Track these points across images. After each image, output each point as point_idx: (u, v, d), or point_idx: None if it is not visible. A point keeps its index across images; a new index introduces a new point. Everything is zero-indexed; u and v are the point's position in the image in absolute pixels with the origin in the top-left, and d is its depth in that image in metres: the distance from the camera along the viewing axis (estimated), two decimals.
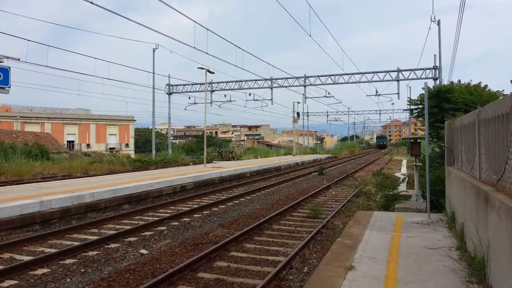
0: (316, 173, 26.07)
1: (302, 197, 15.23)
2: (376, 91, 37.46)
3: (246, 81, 36.32)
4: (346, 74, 33.02)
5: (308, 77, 34.52)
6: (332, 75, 33.48)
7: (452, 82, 14.67)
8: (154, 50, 35.96)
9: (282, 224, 10.89)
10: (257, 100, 39.70)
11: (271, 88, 36.04)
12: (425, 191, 10.15)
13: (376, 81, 32.55)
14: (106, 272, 6.91)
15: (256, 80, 35.83)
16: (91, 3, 10.57)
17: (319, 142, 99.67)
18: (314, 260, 7.57)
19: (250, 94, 39.00)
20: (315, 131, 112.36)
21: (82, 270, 6.98)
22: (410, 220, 9.32)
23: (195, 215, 11.82)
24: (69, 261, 7.42)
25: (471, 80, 13.72)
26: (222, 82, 37.66)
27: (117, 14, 12.47)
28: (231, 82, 37.01)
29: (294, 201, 14.22)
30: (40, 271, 6.84)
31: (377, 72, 32.33)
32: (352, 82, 33.00)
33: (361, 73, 32.75)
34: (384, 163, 38.67)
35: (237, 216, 11.94)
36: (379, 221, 9.32)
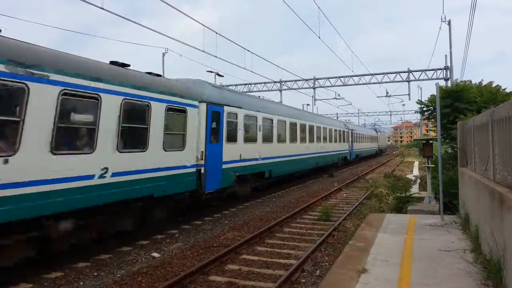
0: (327, 175, 25.95)
1: (313, 199, 15.15)
2: (387, 92, 37.29)
3: (255, 83, 36.33)
4: (356, 76, 32.84)
5: (317, 79, 34.42)
6: (342, 77, 33.31)
7: (464, 82, 14.52)
8: (163, 54, 36.27)
9: (293, 227, 10.84)
10: None
11: (280, 91, 36.02)
12: (438, 193, 10.03)
13: (386, 82, 32.29)
14: (118, 275, 6.95)
15: (265, 83, 35.83)
16: (102, 8, 10.68)
17: None
18: (326, 263, 7.52)
19: (259, 97, 39.01)
20: None
21: (95, 274, 7.04)
22: (423, 222, 9.21)
23: (206, 218, 11.83)
24: (82, 264, 7.48)
25: (482, 80, 13.60)
26: (231, 85, 37.77)
27: (127, 19, 12.56)
28: (240, 85, 37.09)
29: (305, 203, 14.16)
30: (53, 275, 6.91)
31: (387, 73, 32.09)
32: (362, 84, 32.79)
33: (371, 74, 32.54)
34: (395, 165, 38.35)
35: (248, 219, 11.92)
36: (391, 224, 9.23)
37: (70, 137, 7.29)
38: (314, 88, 35.04)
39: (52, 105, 6.63)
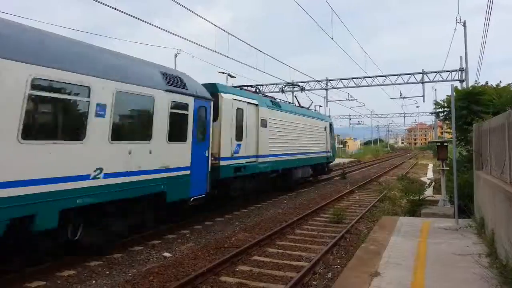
0: (339, 178, 25.79)
1: (324, 201, 15.06)
2: (401, 94, 36.90)
3: (267, 84, 36.31)
4: (369, 77, 32.53)
5: (330, 80, 34.20)
6: (355, 78, 33.03)
7: (485, 84, 14.26)
8: (176, 55, 36.46)
9: (305, 229, 10.78)
10: None
11: (292, 92, 35.89)
12: (453, 196, 9.87)
13: (400, 84, 31.92)
14: (130, 274, 7.00)
15: (277, 84, 35.78)
16: (115, 9, 10.78)
17: (342, 146, 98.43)
18: (338, 266, 7.46)
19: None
20: (337, 135, 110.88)
21: (107, 272, 7.09)
22: (437, 226, 9.08)
23: (217, 219, 11.85)
24: (94, 263, 7.55)
25: (500, 82, 13.36)
26: (243, 86, 37.77)
27: (139, 19, 12.66)
28: (251, 86, 37.07)
29: (316, 205, 14.07)
30: (66, 273, 6.98)
31: (401, 74, 31.71)
32: (375, 85, 32.45)
33: (384, 75, 32.21)
34: (409, 167, 37.92)
35: (259, 220, 11.90)
36: (405, 227, 9.11)
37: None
38: (326, 89, 34.84)
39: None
